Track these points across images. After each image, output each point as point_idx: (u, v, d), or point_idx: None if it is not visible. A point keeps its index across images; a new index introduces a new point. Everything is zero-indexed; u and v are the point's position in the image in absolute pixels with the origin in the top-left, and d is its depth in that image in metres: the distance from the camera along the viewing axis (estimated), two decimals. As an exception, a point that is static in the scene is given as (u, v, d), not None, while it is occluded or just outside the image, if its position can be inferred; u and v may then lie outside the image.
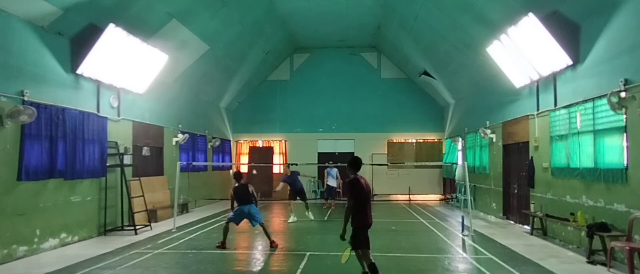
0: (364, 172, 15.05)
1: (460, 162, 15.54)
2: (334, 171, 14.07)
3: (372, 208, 5.63)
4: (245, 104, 19.02)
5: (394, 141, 18.61)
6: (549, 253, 7.56)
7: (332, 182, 14.15)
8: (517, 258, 7.15)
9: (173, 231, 9.71)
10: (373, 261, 5.33)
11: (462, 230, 9.66)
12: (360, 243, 5.40)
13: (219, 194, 16.76)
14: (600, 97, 7.16)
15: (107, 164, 9.52)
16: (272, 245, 7.90)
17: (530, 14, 7.92)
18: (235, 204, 8.09)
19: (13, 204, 7.05)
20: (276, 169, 18.60)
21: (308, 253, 7.22)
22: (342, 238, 5.49)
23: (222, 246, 7.93)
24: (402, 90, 18.57)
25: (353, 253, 5.57)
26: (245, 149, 19.17)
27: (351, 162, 5.57)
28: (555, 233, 8.77)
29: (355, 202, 5.32)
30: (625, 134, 6.64)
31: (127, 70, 9.56)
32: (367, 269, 5.42)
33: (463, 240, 8.89)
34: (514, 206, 11.25)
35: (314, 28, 16.11)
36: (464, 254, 7.59)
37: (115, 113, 10.01)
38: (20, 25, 7.24)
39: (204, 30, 11.83)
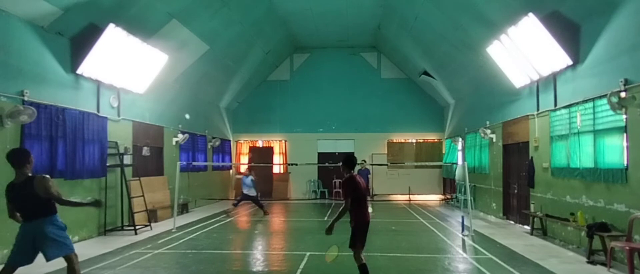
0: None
1: (460, 162, 15.53)
2: (248, 179, 12.77)
3: (373, 208, 5.61)
4: (245, 104, 19.00)
5: (394, 141, 18.61)
6: (549, 253, 7.56)
7: (246, 190, 12.78)
8: (517, 258, 7.14)
9: (173, 231, 9.71)
10: (364, 262, 5.16)
11: (462, 230, 9.65)
12: (354, 242, 5.22)
13: (219, 194, 16.76)
14: (600, 97, 7.16)
15: (107, 164, 9.52)
16: None
17: (530, 14, 7.92)
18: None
19: (13, 204, 7.04)
20: (276, 169, 18.62)
21: (308, 253, 7.22)
22: (328, 231, 5.19)
23: None
24: (402, 90, 18.56)
25: (339, 254, 5.41)
26: (245, 149, 19.17)
27: (345, 161, 5.44)
28: (555, 233, 8.77)
29: (352, 201, 5.16)
30: (625, 134, 6.64)
31: (127, 70, 9.55)
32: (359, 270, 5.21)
33: (463, 240, 8.89)
34: (514, 206, 11.25)
35: (314, 28, 16.11)
36: (464, 254, 7.58)
37: (115, 113, 10.00)
38: (20, 25, 7.24)
39: (204, 30, 11.82)
